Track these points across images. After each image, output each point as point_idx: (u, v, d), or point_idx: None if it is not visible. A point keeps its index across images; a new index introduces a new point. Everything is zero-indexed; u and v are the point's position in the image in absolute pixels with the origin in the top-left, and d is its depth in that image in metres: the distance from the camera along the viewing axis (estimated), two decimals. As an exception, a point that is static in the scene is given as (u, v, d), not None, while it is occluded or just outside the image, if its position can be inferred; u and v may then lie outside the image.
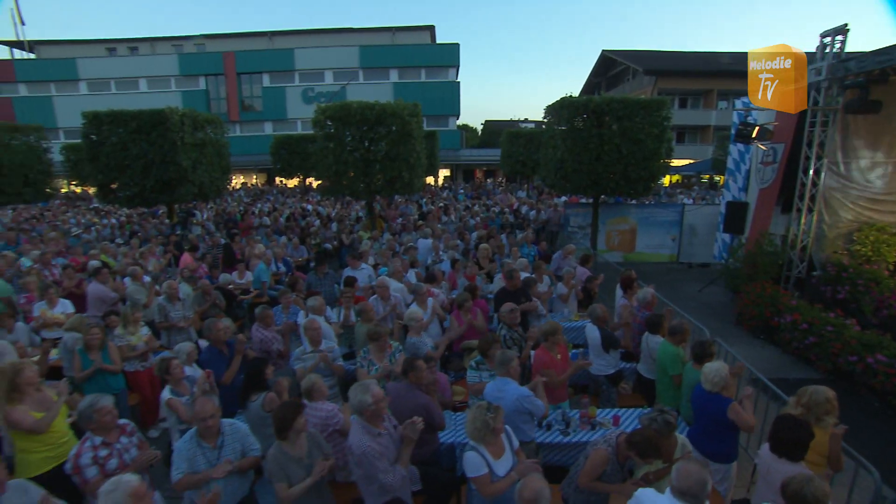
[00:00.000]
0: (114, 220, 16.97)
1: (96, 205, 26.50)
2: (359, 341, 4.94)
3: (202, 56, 37.43)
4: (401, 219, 14.40)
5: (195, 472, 3.10)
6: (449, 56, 35.82)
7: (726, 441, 3.66)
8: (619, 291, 6.37)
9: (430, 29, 39.95)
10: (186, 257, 9.38)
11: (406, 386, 3.61)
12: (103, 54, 40.08)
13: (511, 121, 56.41)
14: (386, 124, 10.92)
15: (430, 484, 3.53)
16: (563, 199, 15.83)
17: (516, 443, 3.27)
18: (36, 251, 9.34)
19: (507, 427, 3.21)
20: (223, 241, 11.14)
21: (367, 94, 31.07)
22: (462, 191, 25.86)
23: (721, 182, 22.27)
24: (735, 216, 9.65)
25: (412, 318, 4.81)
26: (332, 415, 3.61)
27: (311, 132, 26.78)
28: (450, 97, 35.60)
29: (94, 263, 7.95)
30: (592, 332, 5.08)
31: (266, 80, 36.06)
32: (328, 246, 12.70)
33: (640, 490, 2.67)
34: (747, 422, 3.54)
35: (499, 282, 6.86)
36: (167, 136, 11.58)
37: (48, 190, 15.83)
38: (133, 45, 41.25)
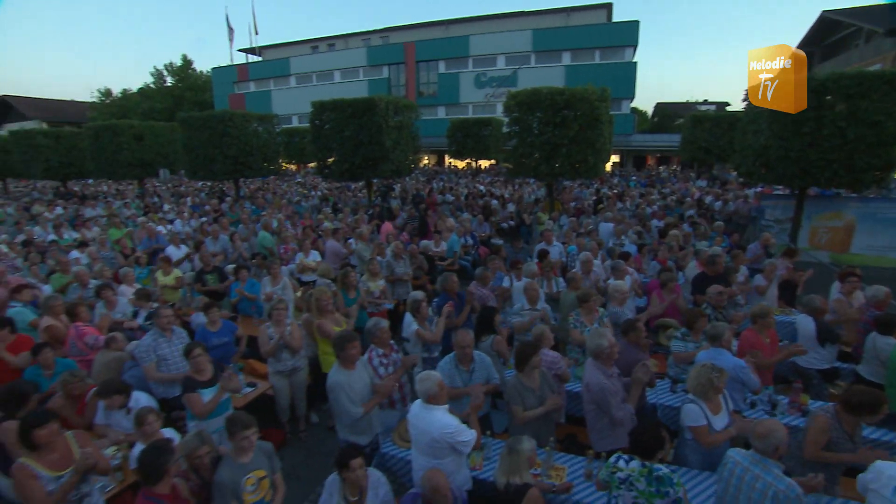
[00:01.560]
0: (319, 193, 20.19)
1: (300, 179, 31.49)
2: (567, 306, 5.52)
3: (386, 48, 41.37)
4: (574, 203, 14.62)
5: (454, 387, 4.00)
6: (627, 35, 33.81)
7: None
8: (835, 287, 5.94)
9: (608, 7, 38.27)
10: (388, 226, 10.97)
11: (625, 344, 4.08)
12: (308, 52, 46.87)
13: (687, 103, 51.19)
14: (574, 109, 11.20)
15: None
16: (755, 189, 14.40)
17: (731, 405, 3.54)
18: (281, 213, 11.84)
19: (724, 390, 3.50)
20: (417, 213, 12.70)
21: (537, 78, 31.60)
22: (634, 178, 24.78)
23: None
24: None
25: (617, 289, 5.23)
26: (556, 360, 4.25)
27: (485, 116, 28.36)
28: (625, 79, 33.47)
29: (327, 225, 9.82)
30: (806, 324, 4.92)
31: (441, 67, 38.43)
32: (505, 225, 13.57)
33: (881, 462, 2.74)
34: None
35: (692, 268, 6.90)
36: (374, 120, 13.47)
37: (275, 167, 19.41)
38: (331, 42, 47.29)
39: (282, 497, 3.20)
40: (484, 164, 31.98)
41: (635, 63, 34.07)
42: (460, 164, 34.82)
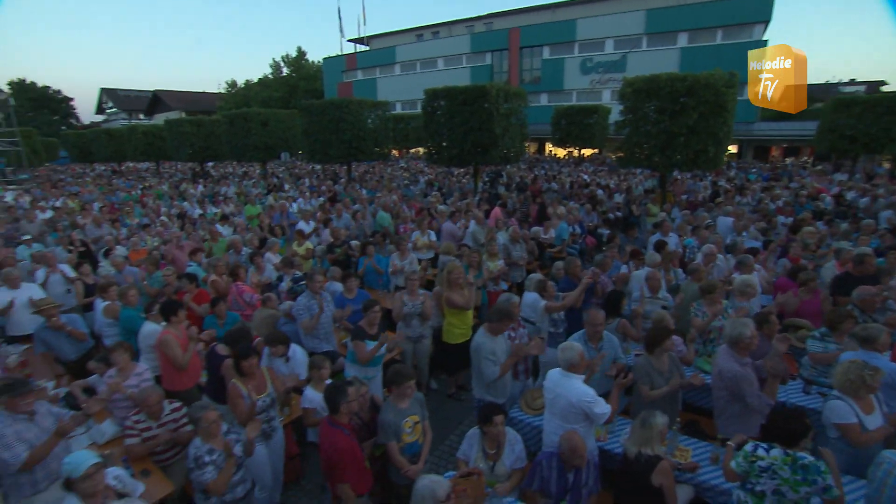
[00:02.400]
0: (425, 178, 21.00)
1: (403, 164, 32.79)
2: (688, 297, 5.47)
3: (490, 34, 41.26)
4: (687, 195, 13.89)
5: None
6: (758, 10, 30.06)
7: None
8: None
9: (733, -19, 34.81)
10: (497, 211, 11.24)
11: (759, 335, 4.04)
12: (413, 41, 48.18)
13: (827, 84, 44.46)
14: (696, 96, 10.60)
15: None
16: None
17: (886, 408, 3.39)
18: (394, 196, 12.63)
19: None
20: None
21: (648, 63, 29.74)
22: (755, 170, 22.74)
23: None
24: None
25: (747, 284, 5.09)
26: (679, 344, 4.32)
27: (590, 104, 27.45)
28: None
29: (442, 208, 10.35)
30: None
31: (546, 53, 37.62)
32: (611, 216, 13.29)
33: None
34: None
35: (830, 268, 6.43)
36: (485, 107, 13.75)
37: (386, 151, 20.47)
38: (435, 30, 48.19)
39: (430, 441, 3.65)
40: (587, 152, 31.01)
41: (765, 42, 30.11)
42: (560, 153, 34.11)
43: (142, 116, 64.86)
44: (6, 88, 56.40)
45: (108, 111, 71.68)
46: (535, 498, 3.37)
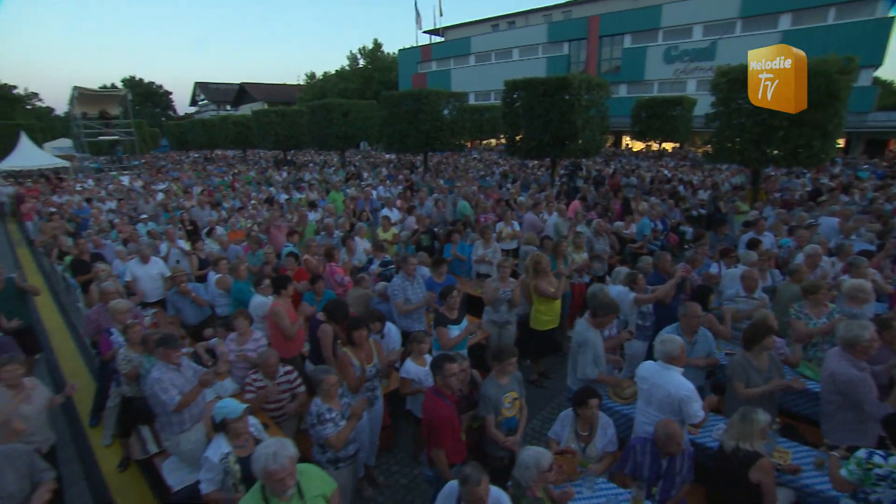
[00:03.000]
0: (500, 169, 21.06)
1: (475, 155, 32.94)
2: (786, 299, 5.24)
3: (568, 23, 40.13)
4: (781, 193, 12.97)
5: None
6: None
7: None
8: None
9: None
10: (576, 203, 11.13)
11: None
12: (488, 31, 47.89)
13: None
14: (803, 84, 9.75)
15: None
16: None
17: None
18: (473, 186, 12.83)
19: None
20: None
21: (742, 49, 26.73)
22: (866, 166, 20.65)
23: None
24: None
25: (860, 289, 4.78)
26: (781, 346, 4.20)
27: (674, 95, 25.99)
28: (870, 42, 25.12)
29: (522, 200, 10.42)
30: None
31: (627, 41, 36.06)
32: (695, 213, 12.73)
33: None
34: None
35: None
36: (566, 98, 13.57)
37: (462, 142, 20.72)
38: (511, 19, 47.59)
39: (525, 417, 3.82)
40: (668, 146, 29.52)
41: (891, 19, 25.74)
42: (637, 146, 32.75)
43: (228, 107, 69.57)
44: (120, 85, 62.78)
45: (199, 103, 77.56)
46: (626, 481, 3.45)
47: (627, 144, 34.72)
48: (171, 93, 75.84)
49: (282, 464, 2.44)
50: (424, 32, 51.98)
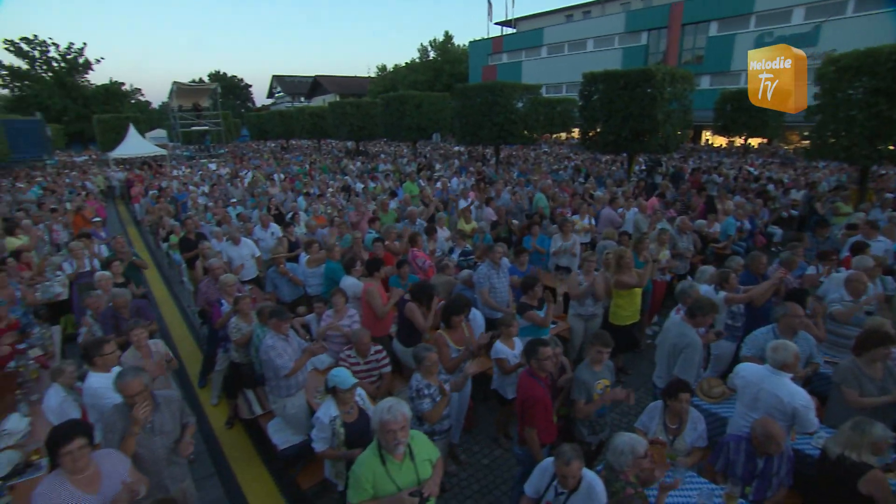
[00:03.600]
0: (573, 163, 20.70)
1: (546, 149, 32.48)
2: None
3: (648, 11, 38.11)
4: (892, 194, 11.85)
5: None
6: None
7: None
8: None
9: None
10: (654, 200, 10.81)
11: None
12: (562, 21, 46.64)
13: None
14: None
15: None
16: None
17: None
18: (548, 179, 12.77)
19: None
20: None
21: (851, 33, 24.12)
22: None
23: None
24: None
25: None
26: (896, 357, 3.95)
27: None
28: None
29: (599, 194, 10.27)
30: None
31: (713, 29, 33.74)
32: (785, 214, 11.96)
33: None
34: None
35: None
36: (648, 91, 13.12)
37: (536, 135, 20.49)
38: (587, 9, 46.08)
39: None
40: (754, 142, 27.49)
41: None
42: (718, 141, 30.82)
43: (303, 99, 72.67)
44: (206, 80, 67.44)
45: (276, 95, 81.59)
46: (715, 478, 3.44)
47: (707, 139, 32.75)
48: (251, 86, 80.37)
49: (395, 416, 2.64)
50: (496, 24, 51.66)
